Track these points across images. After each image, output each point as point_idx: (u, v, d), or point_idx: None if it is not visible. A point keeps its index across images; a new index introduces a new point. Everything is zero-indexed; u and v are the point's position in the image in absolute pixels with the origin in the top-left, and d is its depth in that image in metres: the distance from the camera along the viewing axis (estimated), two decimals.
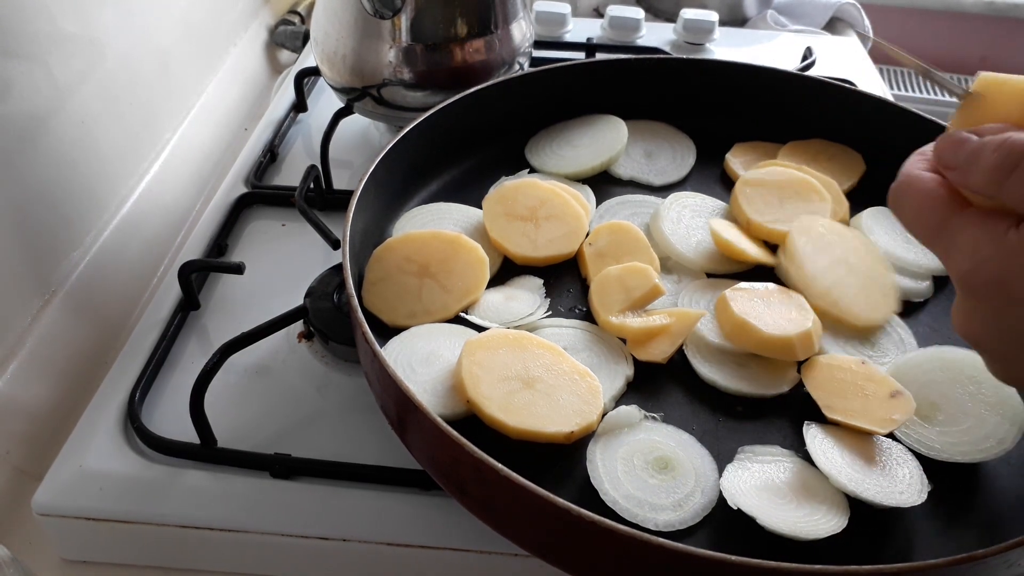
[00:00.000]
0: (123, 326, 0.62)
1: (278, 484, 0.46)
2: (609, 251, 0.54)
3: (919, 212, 0.33)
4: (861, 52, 0.97)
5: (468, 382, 0.44)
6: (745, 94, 0.66)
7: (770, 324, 0.47)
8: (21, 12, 0.53)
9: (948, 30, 1.52)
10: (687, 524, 0.40)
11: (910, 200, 0.33)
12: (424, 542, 0.44)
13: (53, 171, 0.56)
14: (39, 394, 0.53)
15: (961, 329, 0.32)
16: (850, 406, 0.45)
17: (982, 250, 0.29)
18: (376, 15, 0.63)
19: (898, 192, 0.34)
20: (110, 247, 0.62)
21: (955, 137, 0.31)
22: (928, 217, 0.32)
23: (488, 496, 0.38)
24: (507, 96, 0.63)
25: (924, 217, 0.32)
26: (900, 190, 0.34)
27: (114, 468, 0.46)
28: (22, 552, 0.47)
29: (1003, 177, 0.28)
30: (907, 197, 0.33)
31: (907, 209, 0.33)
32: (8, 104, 0.52)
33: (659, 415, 0.46)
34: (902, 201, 0.34)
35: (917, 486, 0.42)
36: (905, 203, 0.34)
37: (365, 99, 0.68)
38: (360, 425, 0.49)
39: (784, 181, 0.57)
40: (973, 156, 0.30)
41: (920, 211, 0.33)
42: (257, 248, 0.63)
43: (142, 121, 0.68)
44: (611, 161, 0.63)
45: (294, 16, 0.97)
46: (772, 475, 0.42)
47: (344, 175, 0.71)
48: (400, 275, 0.51)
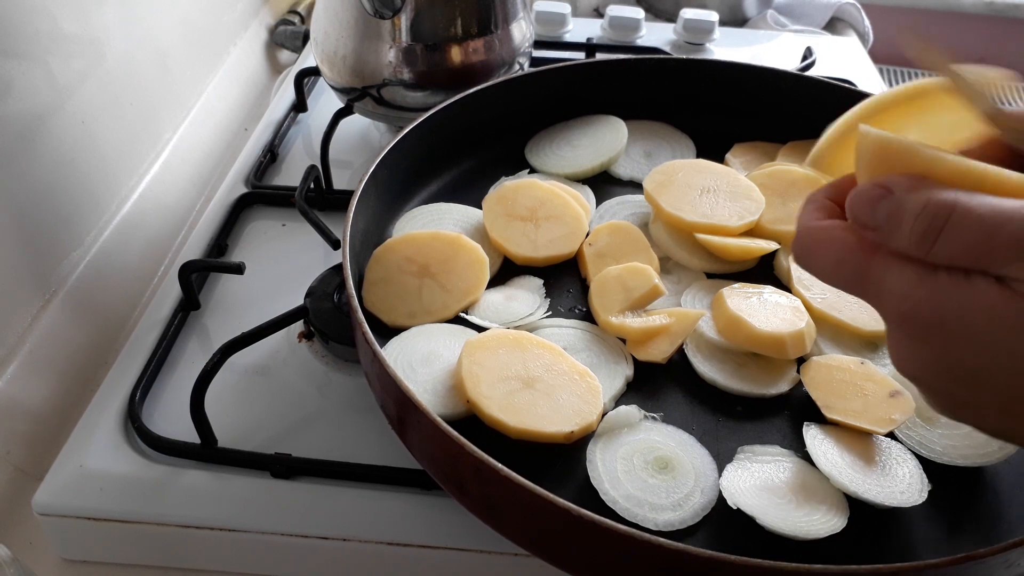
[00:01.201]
0: (123, 326, 0.62)
1: (278, 484, 0.46)
2: (609, 251, 0.54)
3: (837, 264, 0.31)
4: (861, 52, 0.97)
5: (468, 382, 0.44)
6: (745, 94, 0.66)
7: (763, 322, 0.47)
8: (21, 12, 0.53)
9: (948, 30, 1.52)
10: (687, 524, 0.40)
11: (823, 253, 0.31)
12: (424, 542, 0.44)
13: (53, 171, 0.56)
14: (39, 394, 0.53)
15: (901, 368, 0.31)
16: (850, 406, 0.45)
17: (915, 292, 0.28)
18: (376, 15, 0.63)
19: (806, 247, 0.32)
20: (110, 247, 0.62)
21: (868, 195, 0.30)
22: (848, 267, 0.30)
23: (488, 496, 0.38)
24: (507, 96, 0.63)
25: (844, 267, 0.31)
26: (808, 245, 0.32)
27: (114, 468, 0.46)
28: (22, 552, 0.47)
29: (930, 242, 0.27)
30: (819, 251, 0.32)
31: (822, 263, 0.32)
32: (8, 104, 0.52)
33: (659, 415, 0.46)
34: (813, 256, 0.32)
35: (917, 486, 0.42)
36: (818, 257, 0.32)
37: (365, 99, 0.68)
38: (360, 425, 0.49)
39: (787, 180, 0.57)
40: (893, 218, 0.28)
41: (838, 262, 0.31)
42: (257, 248, 0.63)
43: (142, 121, 0.68)
44: (611, 161, 0.63)
45: (294, 16, 0.97)
46: (772, 475, 0.42)
47: (344, 175, 0.71)
48: (400, 275, 0.51)
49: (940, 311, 0.28)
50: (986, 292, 0.27)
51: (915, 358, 0.29)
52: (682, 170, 0.58)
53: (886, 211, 0.29)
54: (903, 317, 0.29)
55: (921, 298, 0.28)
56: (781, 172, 0.58)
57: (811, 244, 0.32)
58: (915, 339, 0.29)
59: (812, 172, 0.58)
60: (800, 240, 0.33)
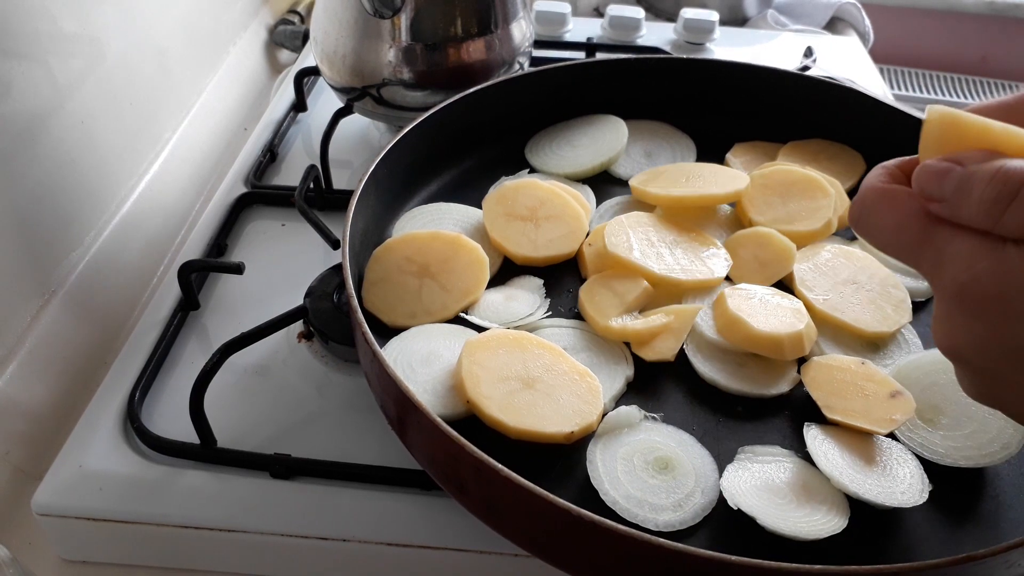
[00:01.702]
0: (123, 326, 0.62)
1: (278, 484, 0.46)
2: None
3: (898, 227, 0.30)
4: (861, 52, 0.97)
5: (468, 382, 0.44)
6: (745, 94, 0.66)
7: (762, 322, 0.47)
8: (21, 12, 0.53)
9: (948, 30, 1.52)
10: (687, 524, 0.40)
11: (886, 215, 0.31)
12: (424, 542, 0.44)
13: (53, 171, 0.56)
14: (39, 394, 0.53)
15: (946, 343, 0.30)
16: (850, 406, 0.45)
17: (978, 262, 0.27)
18: (376, 15, 0.63)
19: (869, 209, 0.31)
20: (110, 247, 0.62)
21: (937, 167, 0.29)
22: (909, 231, 0.30)
23: (488, 496, 0.38)
24: (507, 96, 0.63)
25: (905, 232, 0.30)
26: (871, 205, 0.31)
27: (114, 468, 0.46)
28: (22, 552, 0.47)
29: (1000, 210, 0.27)
30: (881, 212, 0.31)
31: (883, 225, 0.31)
32: (8, 104, 0.52)
33: (659, 415, 0.46)
34: (875, 217, 0.31)
35: (918, 486, 0.41)
36: (880, 219, 0.31)
37: (365, 99, 0.68)
38: (360, 425, 0.49)
39: (787, 180, 0.57)
40: (962, 188, 0.28)
41: (899, 226, 0.30)
42: (257, 248, 0.63)
43: (142, 121, 0.68)
44: (611, 161, 0.63)
45: (294, 16, 0.97)
46: (772, 475, 0.42)
47: (344, 175, 0.71)
48: (400, 275, 0.51)
49: (1003, 284, 0.27)
50: None
51: (966, 333, 0.29)
52: (667, 170, 0.60)
53: (955, 181, 0.28)
54: (961, 288, 0.28)
55: (984, 269, 0.27)
56: (781, 172, 0.58)
57: (874, 204, 0.31)
58: (969, 312, 0.28)
59: (812, 172, 0.58)
60: (862, 200, 0.32)
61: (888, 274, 0.52)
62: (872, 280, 0.52)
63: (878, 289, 0.51)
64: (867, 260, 0.53)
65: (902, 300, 0.51)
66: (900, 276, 0.53)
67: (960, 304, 0.28)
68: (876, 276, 0.52)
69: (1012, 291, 0.27)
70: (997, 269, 0.27)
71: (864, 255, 0.54)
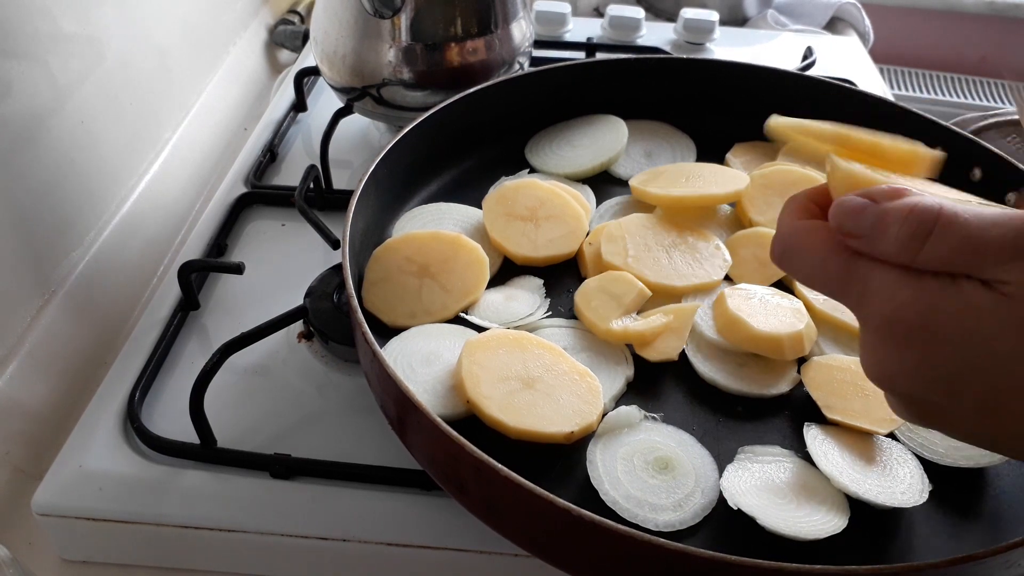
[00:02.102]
0: (123, 326, 0.62)
1: (278, 484, 0.46)
2: None
3: (820, 264, 0.30)
4: (861, 52, 0.97)
5: (468, 382, 0.44)
6: (745, 94, 0.66)
7: (762, 322, 0.47)
8: (21, 12, 0.53)
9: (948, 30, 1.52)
10: (687, 524, 0.40)
11: (806, 253, 0.31)
12: (424, 542, 0.44)
13: (53, 171, 0.56)
14: (39, 394, 0.53)
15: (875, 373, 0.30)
16: (850, 406, 0.45)
17: (900, 293, 0.28)
18: (376, 15, 0.63)
19: (789, 247, 0.32)
20: (110, 247, 0.62)
21: (852, 205, 0.29)
22: (831, 268, 0.30)
23: (488, 496, 0.38)
24: (507, 96, 0.63)
25: (827, 268, 0.30)
26: (791, 245, 0.32)
27: (114, 468, 0.46)
28: (22, 552, 0.47)
29: (917, 246, 0.27)
30: (801, 250, 0.31)
31: (804, 263, 0.31)
32: (8, 104, 0.52)
33: (659, 415, 0.46)
34: (795, 255, 0.32)
35: (918, 486, 0.41)
36: (800, 257, 0.31)
37: (365, 99, 0.68)
38: (360, 425, 0.49)
39: (787, 180, 0.57)
40: (878, 225, 0.28)
41: (821, 263, 0.30)
42: (257, 248, 0.63)
43: (142, 121, 0.68)
44: (611, 161, 0.63)
45: (294, 16, 0.97)
46: (772, 475, 0.42)
47: (344, 175, 0.71)
48: (400, 275, 0.51)
49: (925, 313, 0.28)
50: (972, 294, 0.27)
51: (893, 363, 0.29)
52: (666, 170, 0.60)
53: (872, 217, 0.29)
54: (886, 320, 0.29)
55: (906, 300, 0.28)
56: (781, 172, 0.58)
57: (794, 244, 0.32)
58: (896, 343, 0.29)
59: (812, 172, 0.58)
60: (782, 239, 0.32)
61: None
62: None
63: None
64: None
65: None
66: None
67: (885, 335, 0.29)
68: None
69: (934, 322, 0.27)
70: (919, 300, 0.28)
71: None
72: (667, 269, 0.52)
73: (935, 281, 0.28)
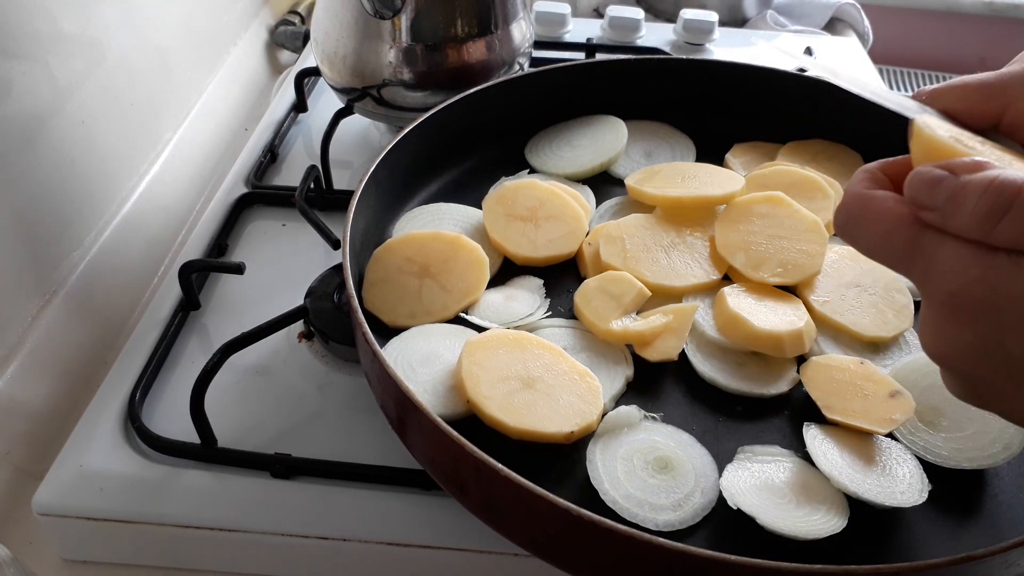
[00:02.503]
0: (123, 326, 0.62)
1: (278, 484, 0.46)
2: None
3: (886, 235, 0.30)
4: (861, 52, 0.97)
5: (468, 382, 0.44)
6: (745, 94, 0.66)
7: (762, 320, 0.47)
8: (21, 12, 0.53)
9: (947, 30, 1.52)
10: (687, 524, 0.40)
11: (872, 222, 0.30)
12: (424, 542, 0.44)
13: (53, 171, 0.56)
14: (39, 394, 0.53)
15: (933, 350, 0.29)
16: (850, 406, 0.45)
17: (970, 269, 0.27)
18: (376, 15, 0.63)
19: (854, 215, 0.31)
20: (110, 247, 0.62)
21: (929, 175, 0.29)
22: (898, 239, 0.29)
23: (488, 496, 0.38)
24: (507, 96, 0.63)
25: (893, 239, 0.29)
26: (857, 213, 0.31)
27: (114, 468, 0.46)
28: (22, 552, 0.47)
29: (994, 222, 0.26)
30: (868, 219, 0.30)
31: (870, 232, 0.30)
32: (8, 104, 0.52)
33: (659, 415, 0.46)
34: (861, 225, 0.31)
35: (917, 486, 0.42)
36: (866, 226, 0.31)
37: (365, 99, 0.68)
38: (360, 425, 0.49)
39: (787, 181, 0.57)
40: (955, 199, 0.27)
41: (887, 233, 0.30)
42: (257, 248, 0.63)
43: (142, 121, 0.68)
44: (611, 161, 0.63)
45: (294, 16, 0.97)
46: (772, 475, 0.42)
47: (344, 175, 0.71)
48: (400, 275, 0.51)
49: (994, 292, 0.27)
50: None
51: (954, 340, 0.28)
52: (662, 169, 0.60)
53: (948, 190, 0.28)
54: (951, 295, 0.28)
55: (975, 277, 0.27)
56: (781, 172, 0.58)
57: (860, 212, 0.31)
58: (958, 320, 0.28)
59: (812, 173, 0.58)
60: (847, 207, 0.31)
61: (893, 278, 0.52)
62: (876, 284, 0.52)
63: (881, 293, 0.51)
64: (873, 263, 0.53)
65: (905, 306, 0.51)
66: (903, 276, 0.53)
67: (949, 312, 0.28)
68: (881, 280, 0.52)
69: (1002, 300, 0.26)
70: (988, 278, 0.27)
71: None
72: (666, 269, 0.52)
73: (1008, 260, 0.26)
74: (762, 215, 0.53)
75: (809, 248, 0.52)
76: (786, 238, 0.52)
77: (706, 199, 0.56)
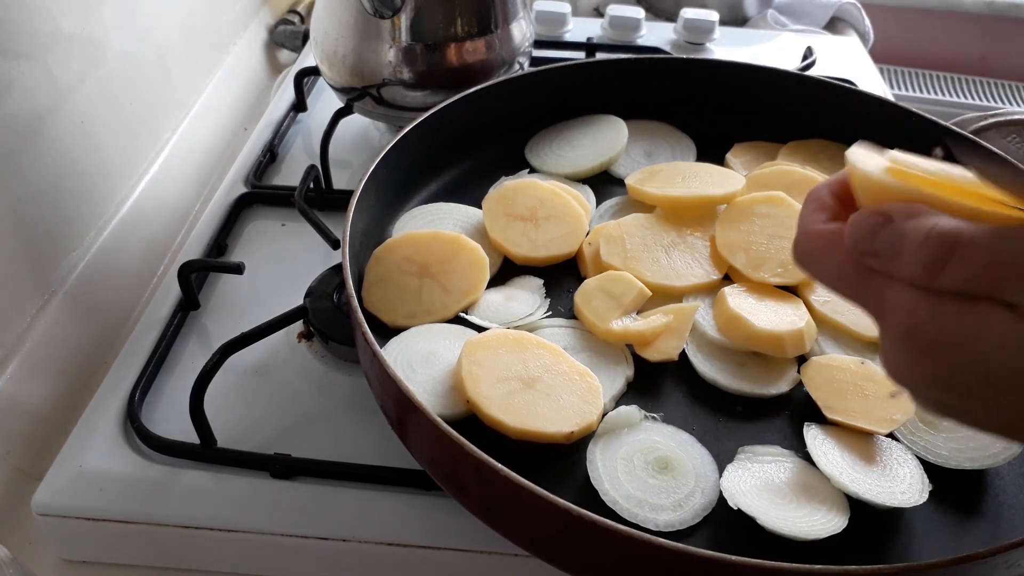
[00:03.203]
0: (123, 326, 0.62)
1: (278, 484, 0.46)
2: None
3: (839, 271, 0.30)
4: (861, 52, 0.97)
5: (468, 382, 0.44)
6: (745, 94, 0.66)
7: (763, 320, 0.47)
8: (21, 12, 0.53)
9: (948, 30, 1.52)
10: (687, 524, 0.40)
11: (826, 259, 0.31)
12: (424, 542, 0.44)
13: (53, 171, 0.56)
14: (39, 394, 0.53)
15: (896, 378, 0.30)
16: (850, 406, 0.45)
17: (919, 311, 0.27)
18: (376, 15, 0.63)
19: (809, 252, 0.32)
20: (110, 247, 0.62)
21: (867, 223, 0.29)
22: (849, 277, 0.30)
23: (488, 496, 0.38)
24: (507, 96, 0.63)
25: (846, 276, 0.30)
26: (811, 250, 0.31)
27: (114, 468, 0.46)
28: (22, 552, 0.47)
29: (937, 270, 0.27)
30: (821, 257, 0.31)
31: (824, 269, 0.31)
32: (8, 104, 0.52)
33: (659, 415, 0.46)
34: (815, 261, 0.31)
35: (918, 486, 0.42)
36: (820, 263, 0.31)
37: (365, 99, 0.68)
38: (360, 425, 0.49)
39: (787, 181, 0.57)
40: (895, 247, 0.28)
41: (840, 270, 0.30)
42: (257, 248, 0.63)
43: (142, 121, 0.68)
44: (611, 161, 0.63)
45: (294, 16, 0.97)
46: (772, 475, 0.42)
47: (344, 175, 0.71)
48: (400, 275, 0.51)
49: (943, 332, 0.27)
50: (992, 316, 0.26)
51: (911, 371, 0.29)
52: (662, 169, 0.60)
53: (887, 239, 0.28)
54: (904, 332, 0.28)
55: (924, 318, 0.27)
56: (781, 172, 0.58)
57: (813, 250, 0.31)
58: (914, 354, 0.28)
59: (812, 172, 0.58)
60: (802, 244, 0.32)
61: None
62: None
63: None
64: None
65: None
66: None
67: (904, 346, 0.29)
68: None
69: (952, 338, 0.27)
70: (936, 319, 0.27)
71: None
72: (666, 269, 0.52)
73: (953, 303, 0.27)
74: (763, 215, 0.53)
75: None
76: (787, 238, 0.52)
77: (706, 199, 0.56)
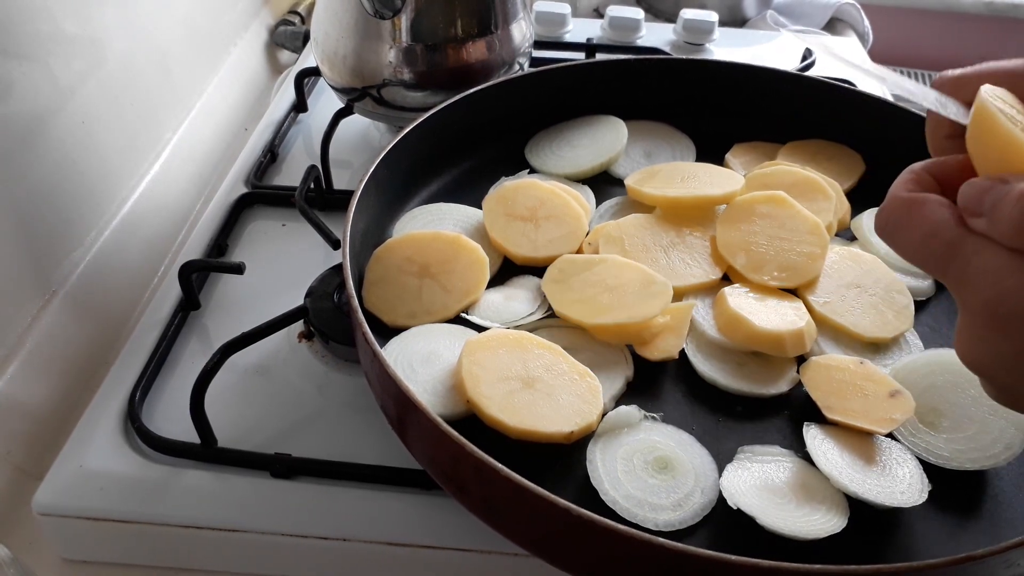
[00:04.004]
0: (123, 326, 0.62)
1: (278, 484, 0.46)
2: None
3: (927, 237, 0.29)
4: (861, 52, 0.97)
5: (468, 382, 0.44)
6: (745, 94, 0.66)
7: (763, 320, 0.47)
8: (21, 12, 0.53)
9: (948, 30, 1.52)
10: (687, 524, 0.40)
11: (913, 225, 0.30)
12: (424, 542, 0.44)
13: (54, 171, 0.56)
14: (39, 394, 0.53)
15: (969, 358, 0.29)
16: (850, 406, 0.45)
17: (1005, 280, 0.26)
18: (376, 15, 0.63)
19: (896, 217, 0.31)
20: (110, 247, 0.62)
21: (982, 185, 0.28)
22: (938, 242, 0.29)
23: (488, 496, 0.38)
24: (507, 96, 0.63)
25: (934, 242, 0.29)
26: (899, 215, 0.30)
27: (114, 468, 0.46)
28: (22, 552, 0.47)
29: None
30: (909, 221, 0.30)
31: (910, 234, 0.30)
32: (9, 104, 0.52)
33: (659, 415, 0.46)
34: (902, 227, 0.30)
35: (917, 486, 0.42)
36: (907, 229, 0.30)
37: (365, 99, 0.68)
38: (360, 425, 0.49)
39: (787, 181, 0.57)
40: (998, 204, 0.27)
41: (928, 236, 0.29)
42: (257, 248, 0.63)
43: (142, 121, 0.68)
44: (611, 161, 0.63)
45: (294, 16, 0.97)
46: (772, 475, 0.42)
47: (344, 175, 0.71)
48: (400, 275, 0.51)
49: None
50: None
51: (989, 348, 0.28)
52: (662, 169, 0.60)
53: (994, 198, 0.27)
54: (986, 303, 0.27)
55: (1011, 287, 0.26)
56: (781, 172, 0.58)
57: (902, 214, 0.30)
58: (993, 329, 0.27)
59: (812, 173, 0.58)
60: (890, 208, 0.31)
61: (894, 279, 0.52)
62: (877, 285, 0.52)
63: (881, 294, 0.51)
64: (874, 263, 0.53)
65: (905, 306, 0.51)
66: (903, 276, 0.53)
67: (984, 319, 0.28)
68: (881, 281, 0.52)
69: None
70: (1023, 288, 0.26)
71: (872, 258, 0.54)
72: (666, 269, 0.52)
73: None
74: (764, 215, 0.53)
75: (810, 251, 0.52)
76: (787, 239, 0.52)
77: (706, 199, 0.56)
